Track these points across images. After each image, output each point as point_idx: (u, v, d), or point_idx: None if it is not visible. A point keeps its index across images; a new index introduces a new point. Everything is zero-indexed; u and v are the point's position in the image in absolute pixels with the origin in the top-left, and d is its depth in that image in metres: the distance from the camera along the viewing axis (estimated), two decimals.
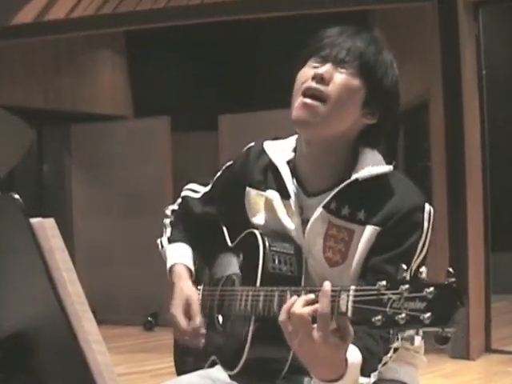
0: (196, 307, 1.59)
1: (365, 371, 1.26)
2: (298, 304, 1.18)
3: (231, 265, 1.62)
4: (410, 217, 1.41)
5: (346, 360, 1.20)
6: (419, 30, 5.26)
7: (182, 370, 1.72)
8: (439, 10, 4.78)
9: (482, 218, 4.77)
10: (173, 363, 1.79)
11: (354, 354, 1.23)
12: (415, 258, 1.41)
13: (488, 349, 4.78)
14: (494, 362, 4.57)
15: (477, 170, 4.74)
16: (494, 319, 4.85)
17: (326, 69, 1.43)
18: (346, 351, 1.19)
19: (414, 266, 1.41)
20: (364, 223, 1.43)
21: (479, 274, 4.70)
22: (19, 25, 5.28)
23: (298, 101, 1.45)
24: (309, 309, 1.17)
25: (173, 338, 1.82)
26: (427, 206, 1.44)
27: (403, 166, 6.12)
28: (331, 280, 1.28)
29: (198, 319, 1.57)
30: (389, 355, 1.35)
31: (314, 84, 1.43)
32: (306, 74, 1.46)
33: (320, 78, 1.43)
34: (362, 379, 1.27)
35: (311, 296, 1.19)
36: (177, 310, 1.60)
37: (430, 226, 1.43)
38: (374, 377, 1.31)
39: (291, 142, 1.60)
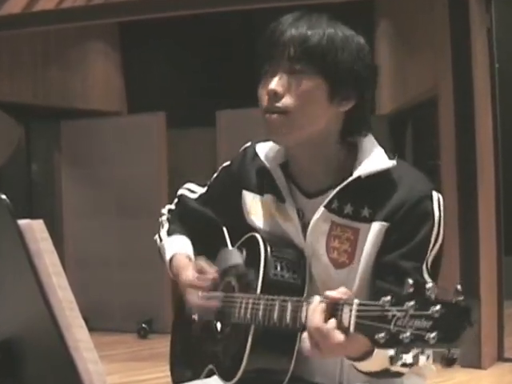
0: (208, 268, 1.57)
1: None
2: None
3: (231, 269, 1.62)
4: (419, 207, 1.40)
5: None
6: (428, 22, 5.25)
7: (178, 379, 1.72)
8: (449, 1, 4.77)
9: (494, 220, 4.77)
10: (169, 372, 1.79)
11: None
12: (429, 249, 1.41)
13: (500, 357, 4.77)
14: (506, 371, 4.56)
15: (489, 169, 4.74)
16: (506, 326, 4.85)
17: (275, 82, 1.44)
18: None
19: (429, 258, 1.41)
20: (369, 220, 1.43)
21: (491, 279, 4.70)
22: (6, 16, 5.28)
23: (264, 119, 1.46)
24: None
25: (169, 346, 1.82)
26: (435, 194, 1.43)
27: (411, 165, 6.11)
28: (337, 282, 1.28)
29: (213, 270, 1.56)
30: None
31: (269, 105, 1.44)
32: (262, 92, 1.48)
33: (273, 95, 1.43)
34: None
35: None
36: (188, 273, 1.58)
37: (442, 215, 1.42)
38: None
39: None
